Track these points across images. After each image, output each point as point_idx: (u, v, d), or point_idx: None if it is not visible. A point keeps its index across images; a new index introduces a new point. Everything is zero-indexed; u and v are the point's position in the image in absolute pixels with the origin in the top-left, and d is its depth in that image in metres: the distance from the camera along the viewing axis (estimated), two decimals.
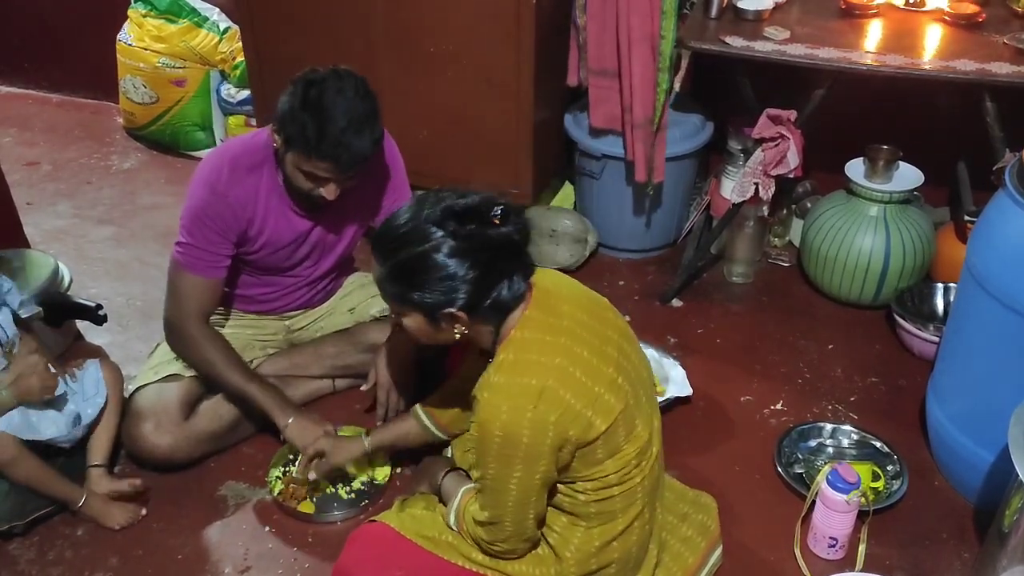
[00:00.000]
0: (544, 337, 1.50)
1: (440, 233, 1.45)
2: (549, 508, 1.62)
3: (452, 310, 1.48)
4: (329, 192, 1.95)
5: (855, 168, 2.69)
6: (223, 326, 2.26)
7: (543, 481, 1.51)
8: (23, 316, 2.04)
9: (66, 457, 2.06)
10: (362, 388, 2.22)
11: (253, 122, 3.37)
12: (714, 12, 2.59)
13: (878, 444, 2.25)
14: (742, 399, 2.45)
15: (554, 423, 1.44)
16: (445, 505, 1.76)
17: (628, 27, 2.58)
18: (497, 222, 1.46)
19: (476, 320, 1.51)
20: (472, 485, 1.74)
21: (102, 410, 2.09)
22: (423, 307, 1.49)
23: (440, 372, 2.29)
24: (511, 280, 1.49)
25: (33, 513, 2.00)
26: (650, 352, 2.40)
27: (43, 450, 1.99)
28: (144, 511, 2.05)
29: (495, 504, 1.54)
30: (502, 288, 1.48)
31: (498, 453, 1.47)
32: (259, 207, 2.05)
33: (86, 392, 2.08)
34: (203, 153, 3.55)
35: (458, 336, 1.54)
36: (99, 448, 2.09)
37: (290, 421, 2.07)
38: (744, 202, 2.64)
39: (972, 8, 2.54)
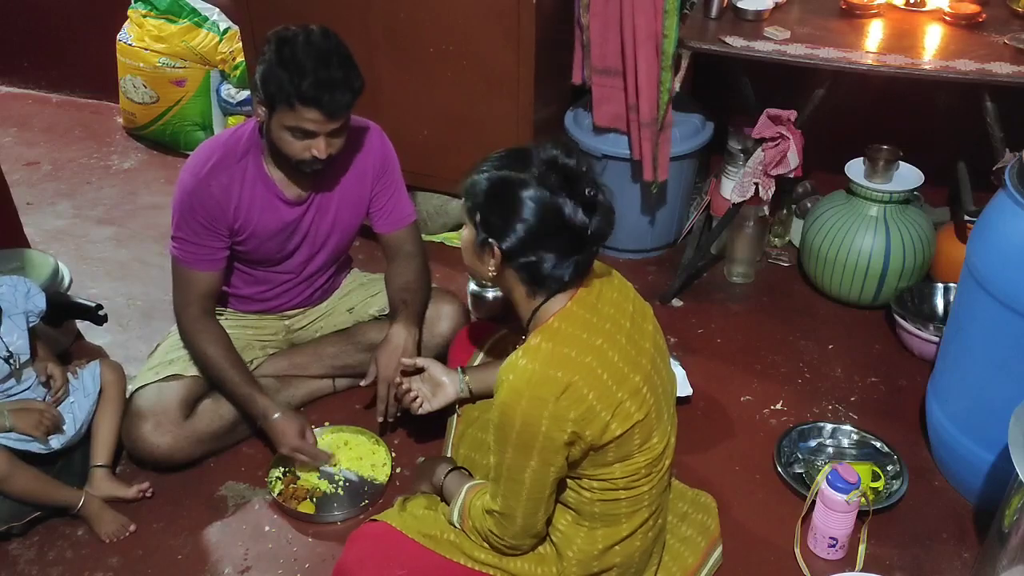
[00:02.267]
0: (580, 334, 1.49)
1: (535, 172, 1.45)
2: (556, 505, 1.62)
3: (495, 243, 1.47)
4: (320, 149, 1.93)
5: (855, 168, 2.69)
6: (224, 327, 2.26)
7: (556, 477, 1.51)
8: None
9: (66, 458, 2.06)
10: (362, 383, 2.21)
11: None
12: (714, 12, 2.59)
13: (878, 444, 2.25)
14: (742, 399, 2.45)
15: (573, 420, 1.44)
16: (447, 504, 1.76)
17: (633, 26, 2.58)
18: (583, 200, 1.45)
19: (508, 268, 1.51)
20: (476, 482, 1.74)
21: (96, 405, 2.09)
22: (480, 225, 1.49)
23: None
24: (560, 260, 1.47)
25: (30, 515, 2.00)
26: None
27: (39, 455, 1.99)
28: (133, 527, 2.04)
29: (508, 494, 1.54)
30: (547, 259, 1.47)
31: (516, 441, 1.47)
32: (243, 195, 2.05)
33: (86, 389, 2.09)
34: None
35: (491, 273, 1.53)
36: (102, 448, 2.10)
37: (275, 417, 2.08)
38: (744, 202, 2.64)
39: (972, 8, 2.54)
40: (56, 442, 1.99)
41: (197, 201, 2.01)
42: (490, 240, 1.48)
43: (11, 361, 1.96)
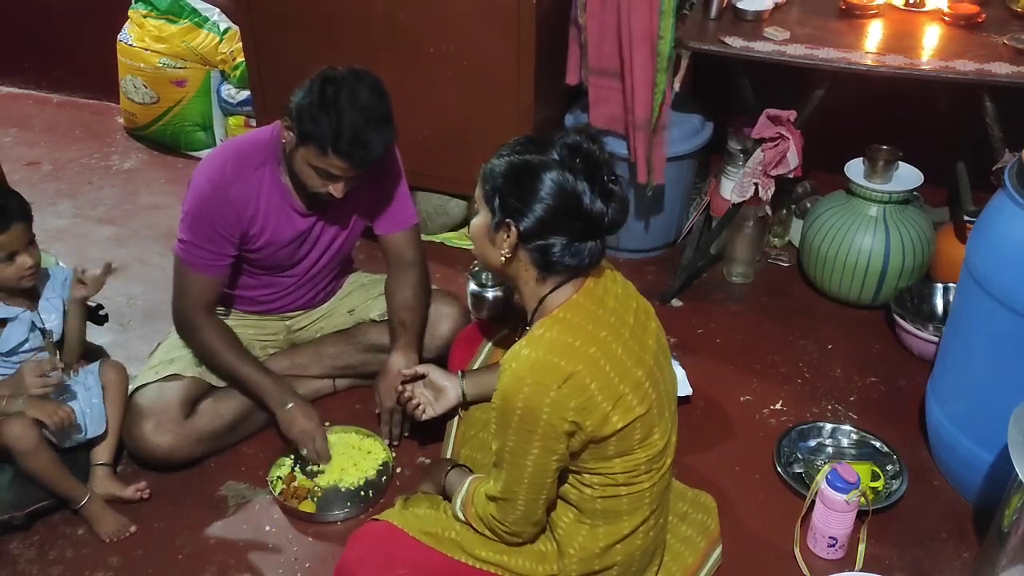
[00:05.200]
0: (586, 325, 1.50)
1: (557, 155, 1.46)
2: (557, 502, 1.62)
3: (512, 223, 1.48)
4: (337, 190, 1.96)
5: (855, 168, 2.70)
6: None
7: (559, 465, 1.52)
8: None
9: (69, 455, 2.06)
10: (377, 411, 2.24)
11: (253, 122, 3.37)
12: (714, 12, 2.59)
13: (878, 444, 2.25)
14: (742, 399, 2.45)
15: (573, 409, 1.45)
16: (450, 502, 1.76)
17: (629, 27, 2.58)
18: (603, 187, 1.46)
19: (523, 251, 1.51)
20: (479, 475, 1.74)
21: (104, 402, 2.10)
22: (498, 208, 1.49)
23: None
24: (574, 244, 1.48)
25: (33, 504, 2.01)
26: None
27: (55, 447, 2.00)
28: (134, 527, 2.05)
29: (510, 479, 1.54)
30: (560, 242, 1.47)
31: (518, 427, 1.47)
32: (260, 204, 2.06)
33: (87, 385, 2.09)
34: (204, 153, 3.55)
35: (503, 258, 1.52)
36: (104, 447, 2.10)
37: (288, 407, 2.11)
38: (744, 202, 2.64)
39: (972, 8, 2.54)
40: (77, 436, 2.02)
41: (214, 207, 2.01)
42: (507, 220, 1.48)
43: (45, 335, 2.01)
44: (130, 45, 3.51)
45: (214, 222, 2.02)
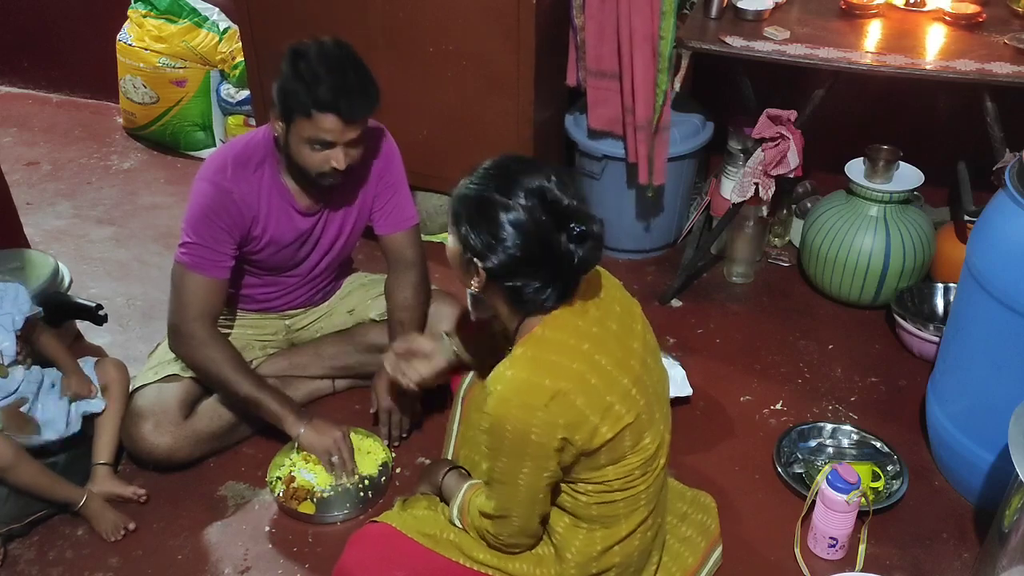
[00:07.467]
0: (568, 340, 1.48)
1: (522, 200, 1.42)
2: (552, 508, 1.62)
3: (479, 263, 1.46)
4: (339, 160, 1.93)
5: (855, 168, 2.69)
6: (223, 327, 2.25)
7: (551, 481, 1.51)
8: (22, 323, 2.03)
9: (70, 454, 2.06)
10: (372, 411, 2.24)
11: (253, 122, 3.37)
12: (714, 12, 2.59)
13: (878, 444, 2.25)
14: (742, 399, 2.45)
15: (563, 426, 1.44)
16: (447, 504, 1.76)
17: (630, 28, 2.58)
18: (571, 236, 1.42)
19: (492, 287, 1.50)
20: (475, 481, 1.74)
21: (104, 406, 2.10)
22: (463, 242, 1.48)
23: (445, 388, 2.24)
24: (544, 287, 1.45)
25: (31, 515, 2.01)
26: None
27: (41, 449, 2.00)
28: (132, 525, 2.04)
29: (503, 497, 1.54)
30: (530, 285, 1.45)
31: (509, 448, 1.47)
32: (262, 205, 2.05)
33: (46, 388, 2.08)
34: (203, 153, 3.57)
35: (474, 289, 1.52)
36: (104, 446, 2.10)
37: (302, 431, 2.08)
38: (744, 202, 2.64)
39: (972, 8, 2.54)
40: (51, 433, 2.00)
41: (220, 207, 2.00)
42: (474, 260, 1.47)
43: None
44: (129, 45, 3.51)
45: (220, 219, 2.01)
